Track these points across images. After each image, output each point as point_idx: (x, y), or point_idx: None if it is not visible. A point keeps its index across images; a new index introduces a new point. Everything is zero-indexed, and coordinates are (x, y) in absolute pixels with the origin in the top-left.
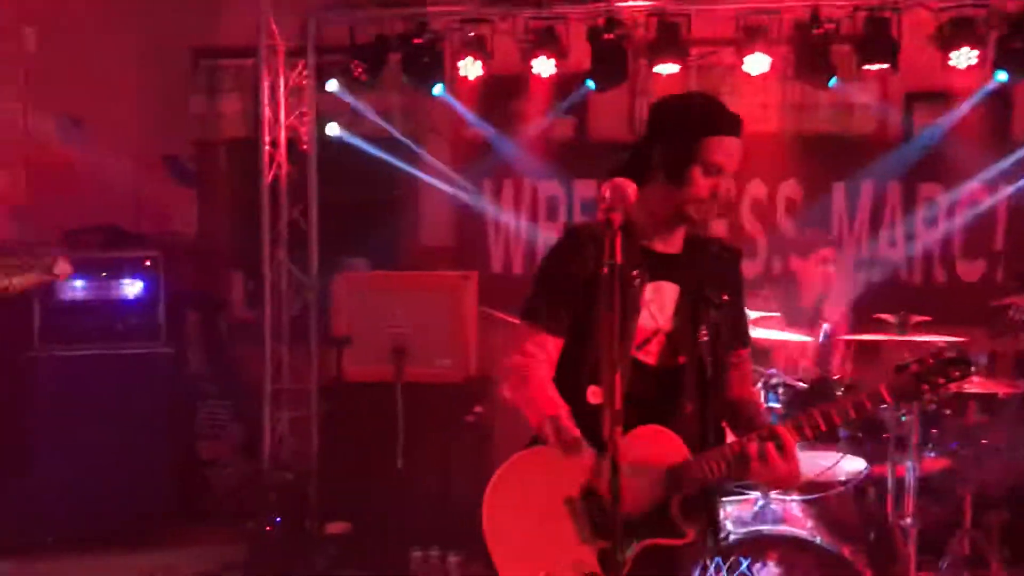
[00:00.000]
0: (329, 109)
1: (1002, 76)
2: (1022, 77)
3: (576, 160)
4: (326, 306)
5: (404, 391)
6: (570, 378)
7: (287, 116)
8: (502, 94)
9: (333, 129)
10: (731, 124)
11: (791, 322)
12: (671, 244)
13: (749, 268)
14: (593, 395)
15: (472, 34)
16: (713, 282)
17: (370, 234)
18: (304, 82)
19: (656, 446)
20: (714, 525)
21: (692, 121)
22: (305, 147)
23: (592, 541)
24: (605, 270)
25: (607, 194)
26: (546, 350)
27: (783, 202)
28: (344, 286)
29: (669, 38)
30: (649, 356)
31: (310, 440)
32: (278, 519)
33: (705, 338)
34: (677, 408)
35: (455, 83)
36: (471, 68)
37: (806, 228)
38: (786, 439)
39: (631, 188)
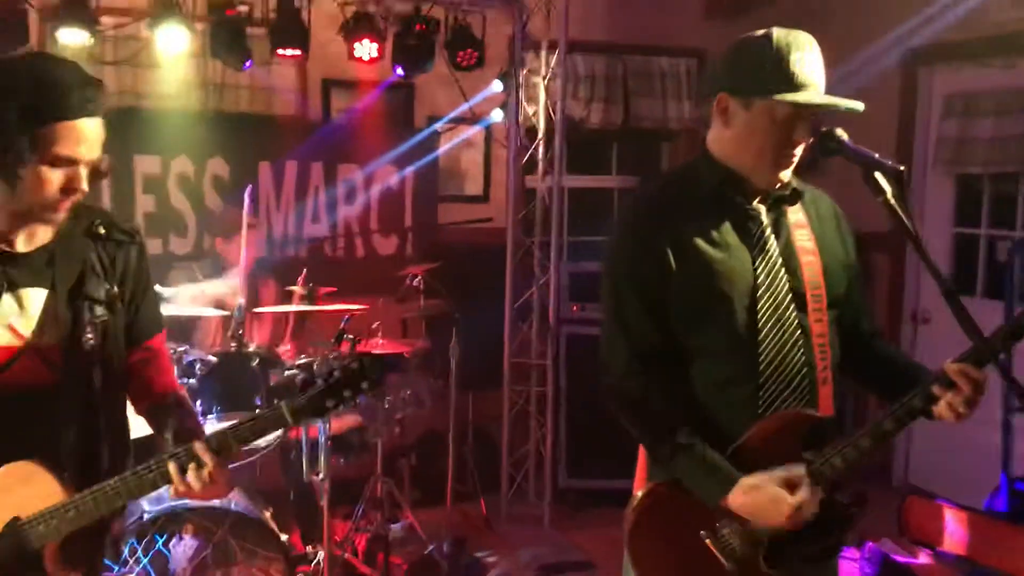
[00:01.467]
0: None
1: (399, 71)
2: (417, 72)
3: None
4: None
5: None
6: None
7: None
8: None
9: None
10: (83, 102)
11: (219, 298)
12: (36, 239)
13: (179, 245)
14: None
15: None
16: (99, 273)
17: None
18: None
19: (24, 488)
20: (101, 553)
21: (27, 102)
22: None
23: None
24: None
25: None
26: None
27: (210, 180)
28: None
29: (75, 3)
30: (15, 377)
31: None
32: None
33: (91, 344)
34: (53, 436)
35: None
36: None
37: (232, 206)
38: (206, 459)
39: None
